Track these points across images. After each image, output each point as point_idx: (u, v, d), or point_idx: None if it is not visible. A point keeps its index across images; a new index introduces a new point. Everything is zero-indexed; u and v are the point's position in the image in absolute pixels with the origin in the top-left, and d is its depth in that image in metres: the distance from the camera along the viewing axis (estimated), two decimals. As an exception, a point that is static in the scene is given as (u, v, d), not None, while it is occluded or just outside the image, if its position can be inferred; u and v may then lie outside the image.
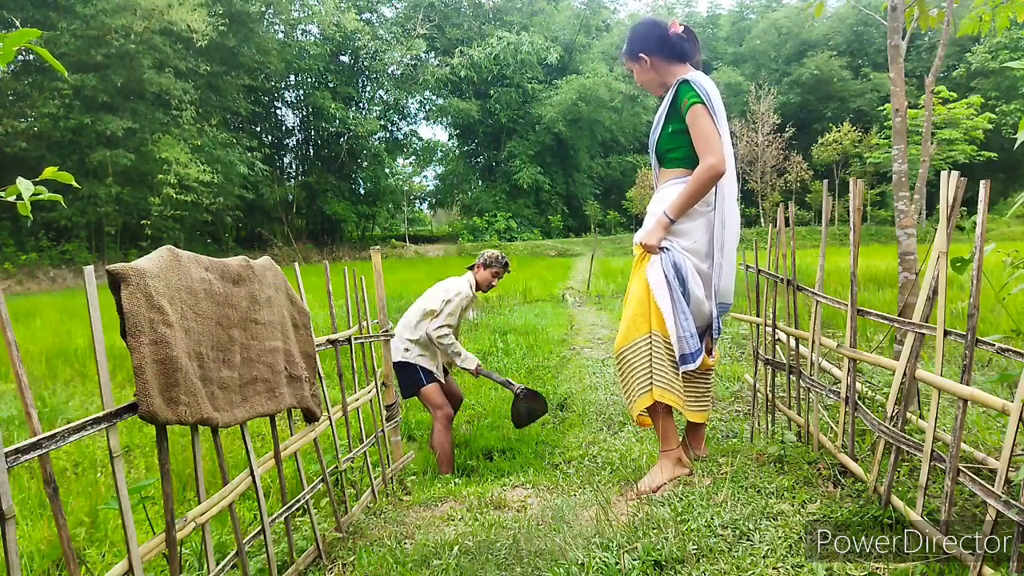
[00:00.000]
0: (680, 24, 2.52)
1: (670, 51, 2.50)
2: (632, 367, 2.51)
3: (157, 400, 1.43)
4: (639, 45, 2.54)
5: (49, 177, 1.58)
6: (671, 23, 2.52)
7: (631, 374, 2.50)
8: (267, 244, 28.62)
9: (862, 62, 37.50)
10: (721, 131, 2.39)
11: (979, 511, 1.80)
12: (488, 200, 34.71)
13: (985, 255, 1.62)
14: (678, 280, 2.44)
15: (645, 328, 2.49)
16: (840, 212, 27.06)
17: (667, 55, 2.51)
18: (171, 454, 1.71)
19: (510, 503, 2.72)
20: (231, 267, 1.84)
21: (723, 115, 2.44)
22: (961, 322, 1.69)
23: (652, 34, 2.52)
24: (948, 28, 3.97)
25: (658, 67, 2.53)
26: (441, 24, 34.70)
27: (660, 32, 2.51)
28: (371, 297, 3.30)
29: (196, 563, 2.25)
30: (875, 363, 2.30)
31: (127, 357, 1.44)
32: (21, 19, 19.88)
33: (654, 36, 2.51)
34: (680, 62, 2.51)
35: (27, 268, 19.88)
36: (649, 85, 2.61)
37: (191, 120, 22.91)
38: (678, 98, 2.43)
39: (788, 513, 2.04)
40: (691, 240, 2.48)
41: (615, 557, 1.85)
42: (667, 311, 2.43)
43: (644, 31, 2.56)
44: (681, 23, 2.54)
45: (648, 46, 2.52)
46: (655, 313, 2.47)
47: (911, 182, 3.79)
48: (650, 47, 2.51)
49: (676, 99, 2.45)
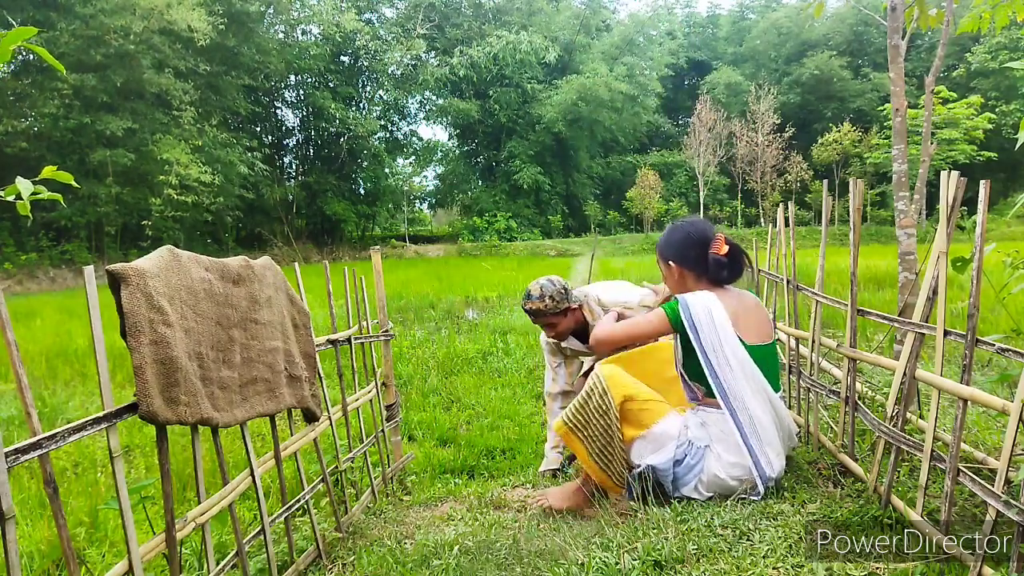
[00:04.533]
0: (726, 244, 2.25)
1: (702, 271, 2.26)
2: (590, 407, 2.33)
3: (157, 400, 1.43)
4: (672, 254, 2.32)
5: (49, 177, 1.58)
6: (717, 240, 2.25)
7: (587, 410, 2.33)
8: (267, 244, 28.60)
9: (862, 62, 37.48)
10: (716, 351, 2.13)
11: (979, 511, 1.80)
12: (488, 200, 34.69)
13: (985, 255, 1.62)
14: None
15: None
16: (840, 212, 27.05)
17: (700, 273, 2.28)
18: (171, 454, 1.71)
19: (510, 503, 2.72)
20: (231, 267, 1.84)
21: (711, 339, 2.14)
22: (961, 322, 1.69)
23: (691, 248, 2.28)
24: (948, 28, 3.97)
25: (686, 280, 2.31)
26: (441, 24, 34.68)
27: (700, 250, 2.26)
28: (371, 297, 3.30)
29: (196, 563, 2.25)
30: (875, 363, 2.30)
31: (127, 357, 1.44)
32: (21, 19, 19.87)
33: (692, 252, 2.27)
34: (711, 284, 2.26)
35: (27, 268, 19.88)
36: (674, 289, 2.40)
37: (191, 120, 22.88)
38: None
39: (788, 513, 2.04)
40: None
41: (615, 557, 1.85)
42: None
43: (684, 240, 2.31)
44: (729, 242, 2.26)
45: (683, 259, 2.30)
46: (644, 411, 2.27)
47: (911, 182, 3.79)
48: (685, 261, 2.30)
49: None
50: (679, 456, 2.20)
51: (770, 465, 2.15)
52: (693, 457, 2.19)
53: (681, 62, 41.43)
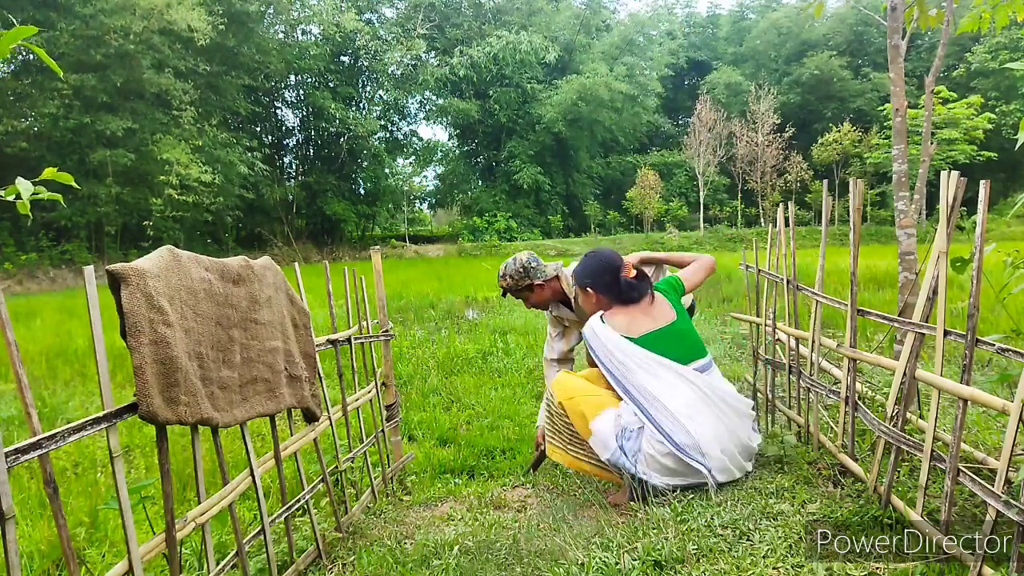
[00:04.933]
0: (633, 268, 2.58)
1: (616, 294, 2.57)
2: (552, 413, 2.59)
3: (157, 400, 1.43)
4: (590, 281, 2.63)
5: (49, 178, 1.58)
6: (626, 265, 2.58)
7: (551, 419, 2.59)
8: (267, 244, 28.59)
9: (862, 62, 37.48)
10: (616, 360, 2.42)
11: (979, 511, 1.80)
12: (488, 200, 34.69)
13: (985, 255, 1.62)
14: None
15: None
16: (840, 212, 27.05)
17: (613, 296, 2.58)
18: (171, 454, 1.71)
19: (510, 503, 2.72)
20: (231, 267, 1.84)
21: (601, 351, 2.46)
22: (961, 322, 1.69)
23: (603, 274, 2.59)
24: (948, 28, 3.97)
25: (601, 303, 2.62)
26: (441, 24, 34.68)
27: (611, 276, 2.57)
28: (371, 297, 3.30)
29: (196, 563, 2.25)
30: (875, 363, 2.30)
31: (127, 357, 1.44)
32: (21, 19, 19.82)
33: (605, 278, 2.58)
34: (623, 304, 2.56)
35: (27, 268, 19.87)
36: (590, 311, 2.68)
37: (191, 120, 22.87)
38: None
39: (788, 513, 2.04)
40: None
41: (615, 557, 1.85)
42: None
43: (597, 267, 2.62)
44: (636, 267, 2.59)
45: (597, 283, 2.61)
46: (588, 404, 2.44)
47: (911, 182, 3.79)
48: (599, 285, 2.60)
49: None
50: (621, 443, 2.35)
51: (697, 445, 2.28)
52: (631, 441, 2.34)
53: (681, 62, 41.44)
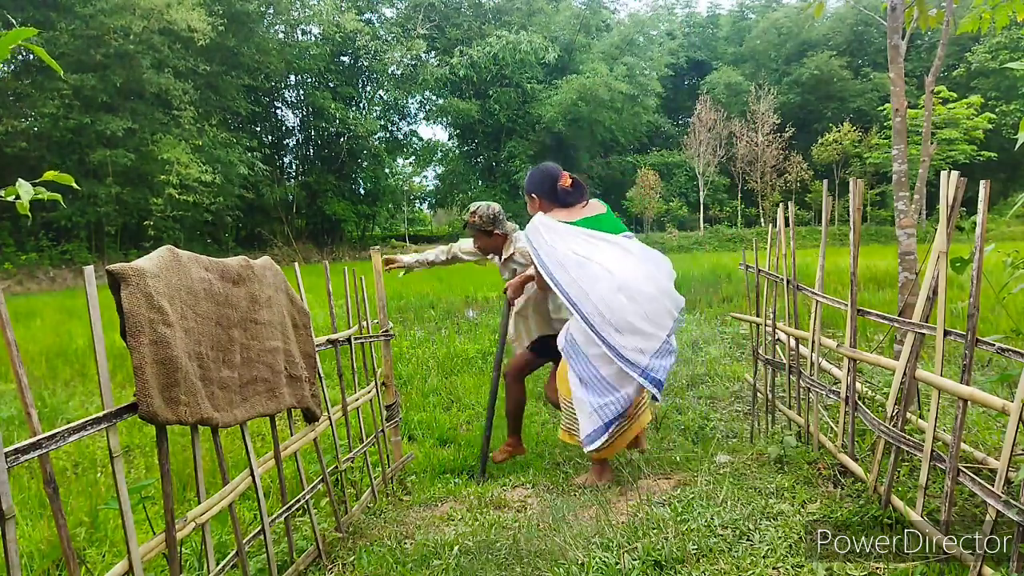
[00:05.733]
0: (570, 178, 3.12)
1: (554, 198, 3.11)
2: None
3: (157, 400, 1.43)
4: (533, 187, 3.18)
5: (50, 179, 1.58)
6: (562, 176, 3.12)
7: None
8: (267, 244, 28.58)
9: (862, 62, 37.48)
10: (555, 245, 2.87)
11: (979, 511, 1.80)
12: (488, 200, 34.68)
13: (985, 255, 1.62)
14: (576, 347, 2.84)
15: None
16: (840, 212, 27.04)
17: (552, 200, 3.11)
18: (171, 454, 1.71)
19: (510, 503, 2.72)
20: (231, 267, 1.84)
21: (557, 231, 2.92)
22: (961, 322, 1.69)
23: (544, 182, 3.15)
24: (948, 28, 3.97)
25: (544, 207, 3.12)
26: (441, 24, 34.67)
27: (550, 184, 3.12)
28: (371, 297, 3.30)
29: (196, 563, 2.24)
30: (875, 363, 2.30)
31: (127, 357, 1.44)
32: (21, 19, 19.84)
33: (545, 186, 3.13)
34: (562, 207, 3.08)
35: (27, 268, 19.86)
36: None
37: (191, 120, 22.87)
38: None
39: (788, 513, 2.04)
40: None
41: (615, 557, 1.85)
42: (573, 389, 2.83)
43: (539, 178, 3.18)
44: (572, 177, 3.14)
45: (540, 191, 3.15)
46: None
47: (911, 182, 3.79)
48: (542, 192, 3.14)
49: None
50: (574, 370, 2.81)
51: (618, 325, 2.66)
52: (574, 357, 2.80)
53: (681, 62, 41.41)
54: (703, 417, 4.14)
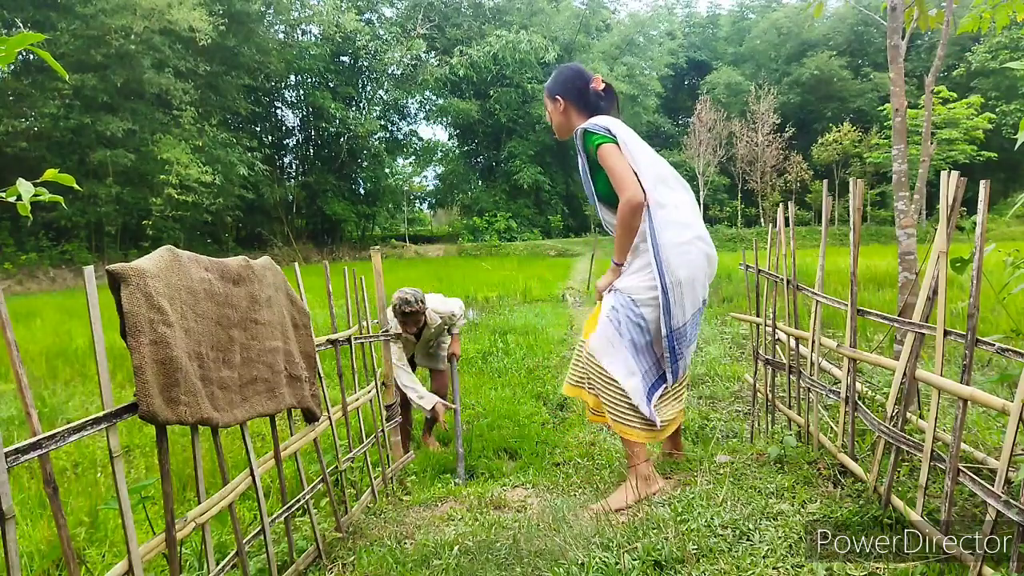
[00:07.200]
0: (603, 82, 2.60)
1: (585, 103, 2.57)
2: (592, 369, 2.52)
3: (157, 400, 1.43)
4: (559, 88, 2.60)
5: (50, 179, 1.58)
6: (595, 79, 2.60)
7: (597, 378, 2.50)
8: (267, 244, 28.58)
9: (862, 62, 37.48)
10: (638, 163, 2.36)
11: (979, 511, 1.80)
12: (488, 200, 34.68)
13: (985, 255, 1.62)
14: (617, 323, 2.42)
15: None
16: (840, 212, 27.04)
17: (581, 105, 2.57)
18: (171, 454, 1.71)
19: (510, 503, 2.72)
20: (231, 267, 1.84)
21: (638, 145, 2.42)
22: (961, 322, 1.69)
23: (574, 83, 2.59)
24: (948, 28, 3.97)
25: (569, 113, 2.59)
26: (441, 24, 34.66)
27: (581, 84, 2.58)
28: (371, 297, 3.31)
29: (196, 563, 2.24)
30: (875, 363, 2.30)
31: (127, 357, 1.44)
32: (21, 19, 19.86)
33: (575, 85, 2.58)
34: (591, 114, 2.54)
35: (27, 268, 19.86)
36: (559, 128, 2.65)
37: (191, 120, 22.86)
38: (586, 147, 2.44)
39: (788, 513, 2.04)
40: (631, 279, 2.45)
41: (615, 557, 1.85)
42: (617, 370, 2.40)
43: (568, 76, 2.62)
44: (604, 80, 2.62)
45: (567, 92, 2.58)
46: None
47: (911, 182, 3.79)
48: (569, 93, 2.58)
49: (586, 149, 2.45)
50: (618, 333, 2.41)
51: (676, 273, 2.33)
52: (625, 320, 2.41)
53: (681, 62, 41.42)
54: (703, 417, 4.14)
